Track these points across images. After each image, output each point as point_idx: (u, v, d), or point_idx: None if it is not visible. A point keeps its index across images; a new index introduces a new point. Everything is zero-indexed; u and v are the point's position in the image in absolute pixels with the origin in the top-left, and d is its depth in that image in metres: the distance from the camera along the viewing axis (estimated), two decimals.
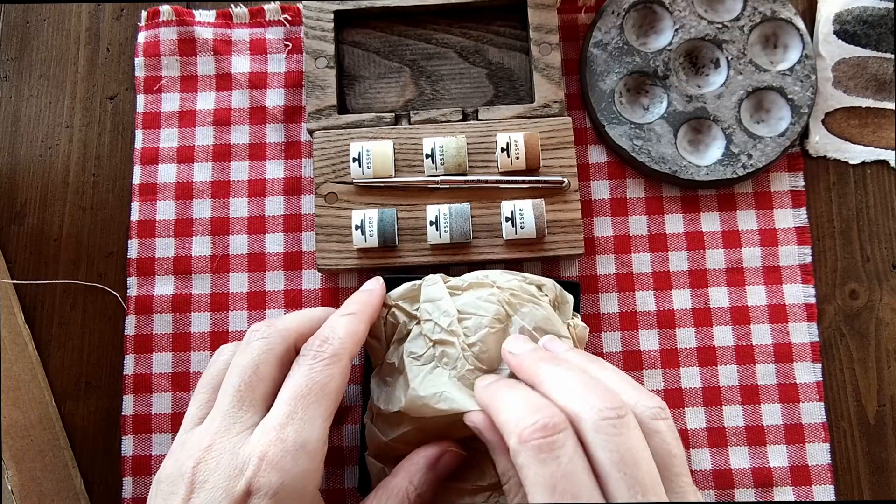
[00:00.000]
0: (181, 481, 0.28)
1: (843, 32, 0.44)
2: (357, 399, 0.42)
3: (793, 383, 0.42)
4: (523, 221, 0.40)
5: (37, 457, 0.40)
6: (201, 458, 0.28)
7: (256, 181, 0.45)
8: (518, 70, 0.45)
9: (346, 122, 0.43)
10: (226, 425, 0.29)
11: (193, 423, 0.31)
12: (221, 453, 0.28)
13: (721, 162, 0.43)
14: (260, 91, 0.45)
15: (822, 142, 0.44)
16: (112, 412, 0.42)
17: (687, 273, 0.43)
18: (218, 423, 0.29)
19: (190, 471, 0.28)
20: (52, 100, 0.46)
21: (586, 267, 0.43)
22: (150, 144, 0.45)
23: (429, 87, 0.45)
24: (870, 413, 0.42)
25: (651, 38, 0.45)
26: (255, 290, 0.43)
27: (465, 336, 0.34)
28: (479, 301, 0.35)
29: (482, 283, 0.36)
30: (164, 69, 0.46)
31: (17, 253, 0.44)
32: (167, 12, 0.46)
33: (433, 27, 0.45)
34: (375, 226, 0.40)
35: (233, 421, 0.29)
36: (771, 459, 0.41)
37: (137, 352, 0.43)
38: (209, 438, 0.28)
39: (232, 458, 0.27)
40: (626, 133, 0.43)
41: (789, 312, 0.43)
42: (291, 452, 0.27)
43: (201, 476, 0.27)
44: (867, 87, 0.45)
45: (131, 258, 0.44)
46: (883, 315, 0.43)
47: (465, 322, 0.35)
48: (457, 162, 0.41)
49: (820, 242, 0.44)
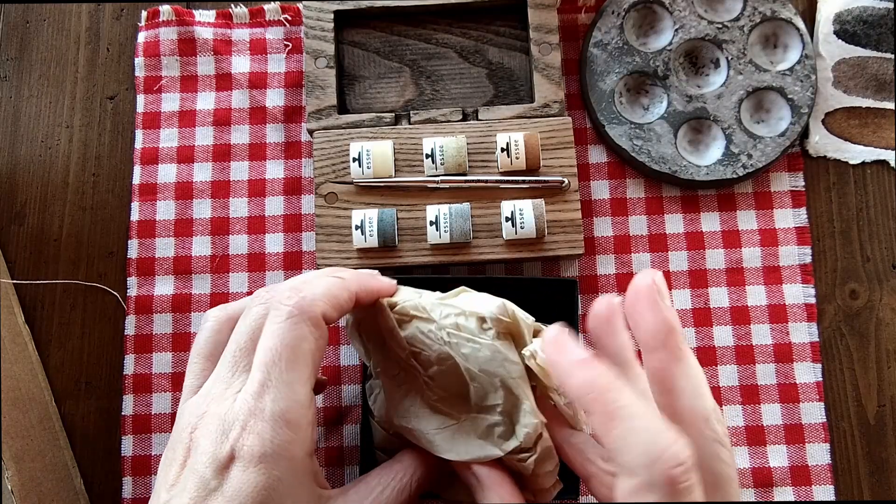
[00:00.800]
0: (181, 447, 0.28)
1: (843, 32, 0.44)
2: (357, 399, 0.42)
3: (793, 383, 0.42)
4: (523, 221, 0.40)
5: (37, 457, 0.40)
6: (196, 425, 0.28)
7: (256, 181, 0.45)
8: (518, 70, 0.45)
9: (346, 122, 0.43)
10: (219, 391, 0.29)
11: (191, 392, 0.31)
12: (212, 419, 0.28)
13: (721, 162, 0.43)
14: (260, 91, 0.45)
15: (822, 142, 0.44)
16: (112, 412, 0.42)
17: (687, 273, 0.43)
18: (213, 389, 0.29)
19: (188, 437, 0.28)
20: (52, 100, 0.46)
21: (586, 267, 0.43)
22: (150, 144, 0.45)
23: (429, 87, 0.45)
24: (870, 413, 0.42)
25: (651, 38, 0.45)
26: (254, 291, 0.43)
27: (421, 368, 0.32)
28: (421, 336, 0.32)
29: (424, 317, 0.32)
30: (164, 69, 0.46)
31: (17, 253, 0.44)
32: (167, 12, 0.46)
33: (433, 27, 0.45)
34: (375, 226, 0.40)
35: (225, 387, 0.29)
36: (771, 459, 0.41)
37: (137, 352, 0.43)
38: (204, 405, 0.28)
39: (220, 423, 0.27)
40: (626, 133, 0.43)
41: (789, 312, 0.43)
42: (270, 423, 0.27)
43: (195, 441, 0.28)
44: (867, 87, 0.45)
45: (131, 258, 0.44)
46: (883, 315, 0.43)
47: (418, 356, 0.32)
48: (457, 162, 0.41)
49: (820, 242, 0.44)
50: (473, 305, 0.31)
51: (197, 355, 0.32)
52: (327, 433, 0.42)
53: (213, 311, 0.33)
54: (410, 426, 0.32)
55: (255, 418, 0.27)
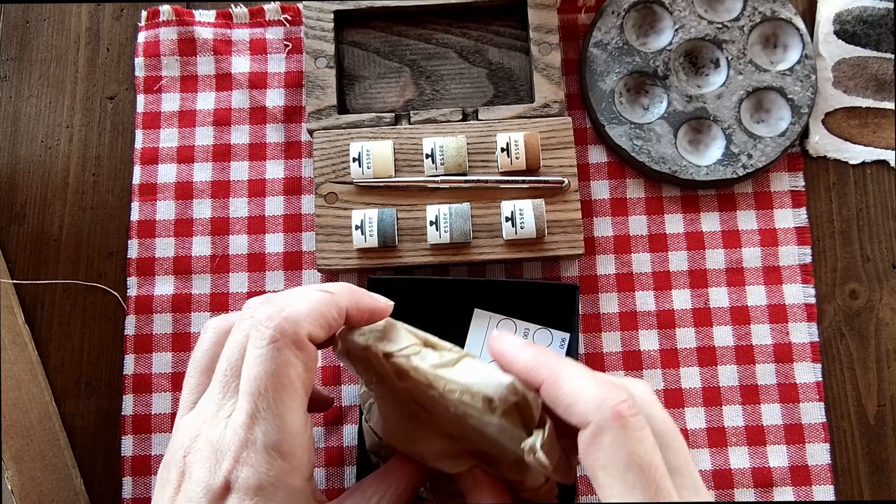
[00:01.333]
0: (175, 469, 0.27)
1: (843, 32, 0.44)
2: (356, 399, 0.42)
3: (793, 383, 0.42)
4: (523, 221, 0.40)
5: (37, 457, 0.40)
6: (189, 448, 0.27)
7: (256, 181, 0.45)
8: (518, 70, 0.45)
9: (346, 122, 0.43)
10: (211, 413, 0.28)
11: (187, 408, 0.30)
12: (205, 444, 0.27)
13: (721, 162, 0.43)
14: (260, 91, 0.45)
15: (822, 142, 0.44)
16: (112, 412, 0.42)
17: (687, 273, 0.43)
18: (206, 409, 0.28)
19: (181, 460, 0.27)
20: (52, 100, 0.46)
21: (586, 267, 0.43)
22: (150, 144, 0.45)
23: (429, 87, 0.45)
24: (870, 413, 0.42)
25: (651, 38, 0.45)
26: (255, 291, 0.43)
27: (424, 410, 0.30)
28: (422, 396, 0.29)
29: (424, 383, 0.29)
30: (164, 69, 0.46)
31: (17, 253, 0.44)
32: (167, 12, 0.46)
33: (433, 27, 0.45)
34: (375, 226, 0.40)
35: (217, 409, 0.28)
36: (771, 459, 0.41)
37: (137, 352, 0.43)
38: (197, 426, 0.28)
39: (212, 451, 0.27)
40: (626, 133, 0.43)
41: (789, 312, 0.43)
42: (263, 455, 0.26)
43: (189, 467, 0.27)
44: (867, 87, 0.45)
45: (131, 258, 0.44)
46: (883, 315, 0.43)
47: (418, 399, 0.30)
48: (457, 162, 0.41)
49: (820, 242, 0.44)
50: (477, 378, 0.28)
51: (194, 369, 0.30)
52: (327, 433, 0.42)
53: (213, 322, 0.31)
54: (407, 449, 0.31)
55: (248, 450, 0.26)
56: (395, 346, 0.29)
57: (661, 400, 0.41)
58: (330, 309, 0.28)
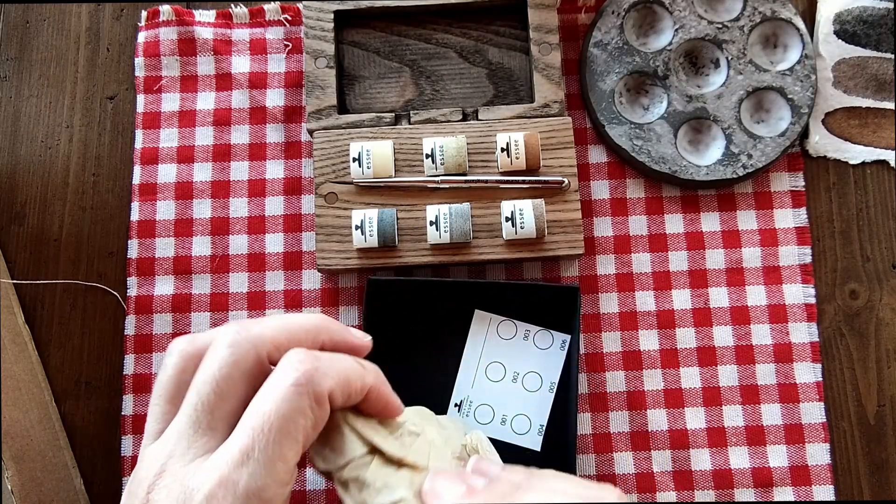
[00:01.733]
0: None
1: (843, 32, 0.44)
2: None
3: (793, 383, 0.42)
4: (523, 221, 0.40)
5: (37, 457, 0.40)
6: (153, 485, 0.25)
7: (256, 181, 0.45)
8: (518, 70, 0.45)
9: (346, 122, 0.43)
10: (180, 450, 0.26)
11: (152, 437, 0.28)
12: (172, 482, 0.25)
13: (721, 162, 0.43)
14: (260, 91, 0.45)
15: (822, 142, 0.44)
16: (112, 412, 0.42)
17: (687, 273, 0.43)
18: (172, 444, 0.26)
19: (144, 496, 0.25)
20: (52, 100, 0.46)
21: (586, 267, 0.43)
22: (150, 144, 0.45)
23: (429, 87, 0.45)
24: (870, 413, 0.42)
25: (651, 38, 0.45)
26: (255, 290, 0.43)
27: None
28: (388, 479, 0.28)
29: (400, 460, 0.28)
30: (164, 69, 0.46)
31: (17, 253, 0.44)
32: (167, 12, 0.46)
33: (433, 27, 0.45)
34: (375, 226, 0.40)
35: (187, 445, 0.26)
36: (771, 459, 0.41)
37: (137, 352, 0.43)
38: (161, 462, 0.26)
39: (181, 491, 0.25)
40: (626, 133, 0.43)
41: (789, 312, 0.43)
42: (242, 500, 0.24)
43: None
44: (867, 87, 0.45)
45: (131, 258, 0.44)
46: (883, 315, 0.43)
47: None
48: (457, 162, 0.41)
49: (820, 242, 0.44)
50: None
51: (159, 397, 0.28)
52: None
53: (178, 345, 0.28)
54: None
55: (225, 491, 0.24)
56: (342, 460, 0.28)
57: (662, 400, 0.41)
58: (357, 382, 0.28)
